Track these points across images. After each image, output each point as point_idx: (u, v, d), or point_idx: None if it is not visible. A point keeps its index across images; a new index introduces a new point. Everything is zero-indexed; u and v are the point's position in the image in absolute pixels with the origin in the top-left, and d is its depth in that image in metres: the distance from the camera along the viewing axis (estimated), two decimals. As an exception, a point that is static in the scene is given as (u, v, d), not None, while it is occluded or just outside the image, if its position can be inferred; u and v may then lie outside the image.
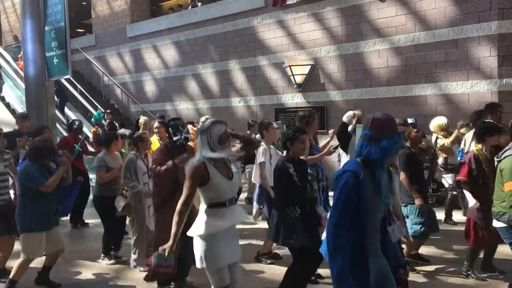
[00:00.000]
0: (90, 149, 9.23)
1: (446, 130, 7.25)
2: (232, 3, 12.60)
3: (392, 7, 9.64)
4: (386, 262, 2.72)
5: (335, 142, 5.82)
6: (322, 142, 6.21)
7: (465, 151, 6.20)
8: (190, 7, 14.80)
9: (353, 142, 5.26)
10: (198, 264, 3.17)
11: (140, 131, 5.87)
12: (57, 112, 11.98)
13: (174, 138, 4.66)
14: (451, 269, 5.22)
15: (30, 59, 8.58)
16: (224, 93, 13.01)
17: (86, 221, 7.86)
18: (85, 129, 10.79)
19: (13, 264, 4.78)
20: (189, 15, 13.95)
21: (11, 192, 6.81)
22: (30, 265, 4.76)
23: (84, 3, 18.84)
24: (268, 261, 5.54)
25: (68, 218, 7.48)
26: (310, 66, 10.94)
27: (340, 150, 5.89)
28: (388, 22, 9.72)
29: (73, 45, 14.44)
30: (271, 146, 5.76)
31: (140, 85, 15.38)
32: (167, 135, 4.84)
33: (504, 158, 4.09)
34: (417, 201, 5.13)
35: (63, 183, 4.79)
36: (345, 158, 5.75)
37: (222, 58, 12.95)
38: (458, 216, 7.38)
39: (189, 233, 3.22)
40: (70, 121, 8.11)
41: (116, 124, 10.35)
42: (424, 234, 5.26)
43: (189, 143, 4.88)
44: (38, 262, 4.95)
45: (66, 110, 14.24)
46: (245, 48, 12.35)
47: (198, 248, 3.16)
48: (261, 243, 5.80)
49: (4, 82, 14.76)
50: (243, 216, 3.43)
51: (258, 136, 6.78)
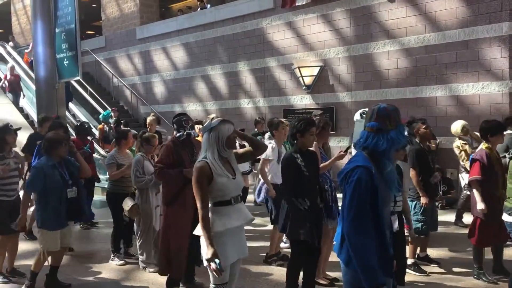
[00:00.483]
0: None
1: (466, 135, 7.09)
2: (241, 5, 12.61)
3: (402, 8, 9.59)
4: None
5: (345, 144, 5.79)
6: (331, 143, 6.17)
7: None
8: (199, 9, 14.87)
9: (356, 133, 5.29)
10: (205, 262, 3.14)
11: (149, 133, 5.86)
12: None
13: (177, 134, 4.60)
14: (462, 271, 5.18)
15: (41, 61, 8.66)
16: (233, 95, 13.01)
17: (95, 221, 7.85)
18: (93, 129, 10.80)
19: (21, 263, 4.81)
20: (198, 17, 13.98)
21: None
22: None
23: (94, 5, 18.97)
24: (277, 263, 5.52)
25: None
26: (319, 68, 10.91)
27: (353, 150, 5.86)
28: (398, 23, 9.67)
29: (83, 47, 14.57)
30: (282, 146, 5.76)
31: (149, 87, 15.44)
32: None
33: None
34: (423, 200, 5.18)
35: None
36: None
37: (231, 60, 12.96)
38: (470, 218, 7.29)
39: (196, 232, 3.20)
40: (79, 124, 8.10)
41: (122, 122, 10.39)
42: (425, 232, 5.27)
43: (197, 138, 4.84)
44: (46, 266, 4.94)
45: (72, 107, 14.16)
46: (254, 50, 12.36)
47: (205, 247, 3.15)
48: (269, 244, 5.77)
49: (24, 96, 14.29)
50: (250, 215, 3.38)
51: (268, 134, 6.79)
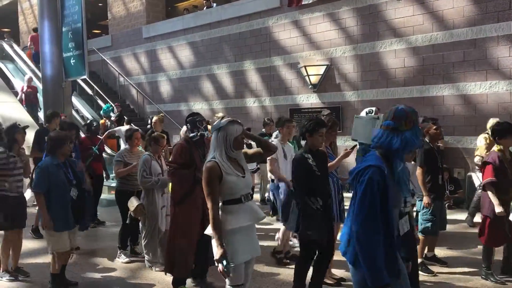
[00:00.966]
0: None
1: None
2: (247, 4, 12.59)
3: (409, 7, 9.54)
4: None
5: (351, 143, 5.76)
6: (337, 142, 6.16)
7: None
8: (205, 8, 14.86)
9: (356, 128, 5.27)
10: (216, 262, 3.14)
11: (157, 133, 5.86)
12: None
13: (191, 135, 4.61)
14: (470, 271, 5.15)
15: (48, 60, 8.70)
16: (239, 94, 13.01)
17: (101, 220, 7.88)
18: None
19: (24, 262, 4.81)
20: (204, 16, 13.98)
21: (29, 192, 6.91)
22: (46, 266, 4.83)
23: (101, 4, 19.02)
24: (284, 261, 5.51)
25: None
26: (326, 66, 10.88)
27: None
28: (405, 22, 9.62)
29: (90, 46, 14.56)
30: (288, 143, 5.78)
31: (156, 86, 15.46)
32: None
33: None
34: (425, 199, 5.14)
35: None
36: None
37: (237, 59, 12.95)
38: (479, 219, 7.25)
39: (207, 232, 3.19)
40: (88, 122, 8.10)
41: (125, 118, 10.38)
42: (433, 231, 5.22)
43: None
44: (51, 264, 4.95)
45: (74, 101, 14.08)
46: (260, 49, 12.34)
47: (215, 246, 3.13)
48: (275, 243, 5.75)
49: (41, 109, 12.17)
50: (262, 213, 3.35)
51: (276, 133, 6.78)
